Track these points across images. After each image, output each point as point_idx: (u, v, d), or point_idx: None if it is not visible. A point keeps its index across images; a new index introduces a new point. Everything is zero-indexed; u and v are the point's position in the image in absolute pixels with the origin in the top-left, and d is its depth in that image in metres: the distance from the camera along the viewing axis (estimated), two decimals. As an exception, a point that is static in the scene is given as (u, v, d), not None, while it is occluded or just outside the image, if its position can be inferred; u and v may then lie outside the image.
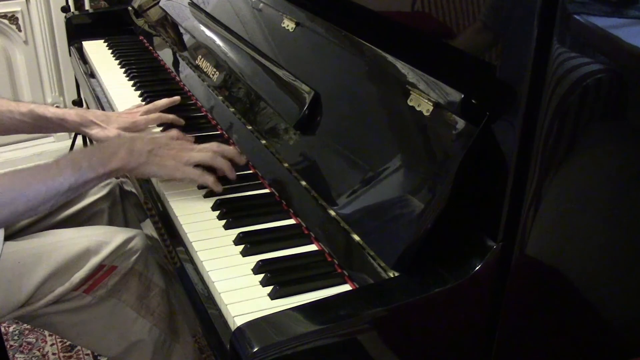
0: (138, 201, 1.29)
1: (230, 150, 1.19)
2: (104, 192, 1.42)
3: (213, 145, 1.17)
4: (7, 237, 1.22)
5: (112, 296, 1.22)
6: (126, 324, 1.24)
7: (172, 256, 1.05)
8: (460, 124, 0.84)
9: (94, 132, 1.37)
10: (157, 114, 1.40)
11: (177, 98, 1.45)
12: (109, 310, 1.22)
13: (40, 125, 1.39)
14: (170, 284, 1.28)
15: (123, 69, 1.73)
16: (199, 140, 1.23)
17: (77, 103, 2.65)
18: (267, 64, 1.25)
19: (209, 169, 1.15)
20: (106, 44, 1.93)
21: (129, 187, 1.47)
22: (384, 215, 0.89)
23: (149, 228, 1.22)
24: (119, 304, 1.22)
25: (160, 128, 1.39)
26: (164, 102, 1.43)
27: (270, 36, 1.30)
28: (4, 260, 1.14)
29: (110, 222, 1.43)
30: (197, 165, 1.14)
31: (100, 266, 1.18)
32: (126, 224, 1.47)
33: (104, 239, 1.21)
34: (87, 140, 2.68)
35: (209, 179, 1.12)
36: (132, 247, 1.22)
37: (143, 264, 1.24)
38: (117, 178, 1.49)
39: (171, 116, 1.39)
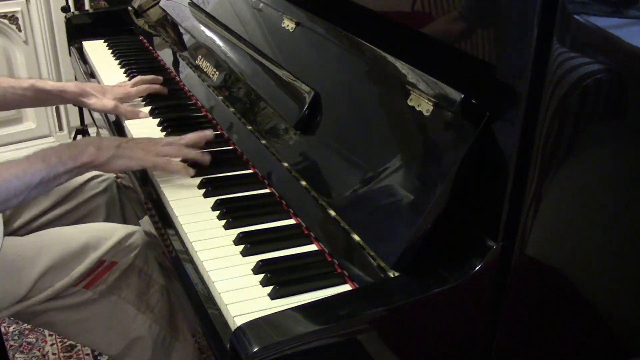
0: (136, 197, 1.30)
1: (192, 135, 1.23)
2: (100, 188, 1.43)
3: (180, 139, 1.21)
4: (6, 235, 1.22)
5: (112, 292, 1.22)
6: (126, 321, 1.24)
7: (171, 255, 1.05)
8: (460, 124, 0.84)
9: (92, 101, 1.44)
10: (146, 86, 1.51)
11: (160, 78, 1.56)
12: (109, 307, 1.23)
13: (41, 99, 1.45)
14: (170, 281, 1.28)
15: (123, 69, 1.73)
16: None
17: (77, 103, 2.64)
18: (267, 64, 1.25)
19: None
20: (106, 44, 1.93)
21: (127, 182, 1.48)
22: (384, 215, 0.89)
23: (147, 224, 1.22)
24: (119, 300, 1.23)
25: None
26: (150, 77, 1.55)
27: (270, 36, 1.30)
28: (4, 253, 1.15)
29: (108, 219, 1.44)
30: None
31: (100, 261, 1.19)
32: (124, 220, 1.48)
33: (104, 234, 1.22)
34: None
35: (178, 166, 1.16)
36: (132, 242, 1.23)
37: (143, 260, 1.25)
38: (116, 177, 1.49)
39: (157, 86, 1.52)
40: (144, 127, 1.40)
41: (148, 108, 1.49)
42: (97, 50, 1.89)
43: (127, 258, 1.23)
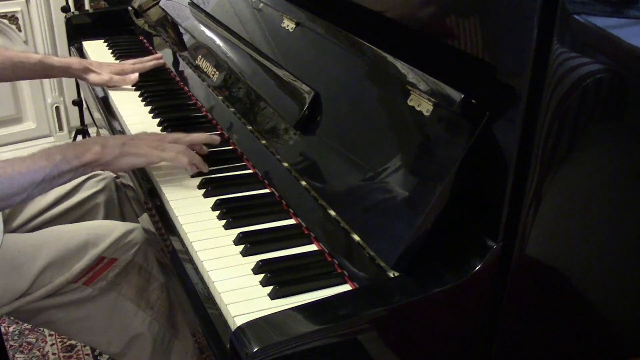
0: (135, 195, 1.30)
1: (199, 136, 1.23)
2: (99, 187, 1.44)
3: (186, 137, 1.20)
4: (6, 232, 1.23)
5: (112, 289, 1.22)
6: (126, 318, 1.25)
7: (171, 255, 1.05)
8: (460, 124, 0.84)
9: (91, 77, 1.59)
10: (142, 64, 1.65)
11: (159, 56, 1.71)
12: (109, 304, 1.23)
13: (48, 74, 1.61)
14: (169, 279, 1.29)
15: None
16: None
17: (77, 103, 2.65)
18: (267, 64, 1.25)
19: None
20: (106, 44, 1.93)
21: (127, 181, 1.48)
22: (384, 215, 0.89)
23: (146, 222, 1.22)
24: (118, 297, 1.23)
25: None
26: (149, 58, 1.69)
27: (270, 36, 1.30)
28: (4, 249, 1.15)
29: (107, 217, 1.44)
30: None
31: (100, 258, 1.20)
32: (123, 218, 1.48)
33: (103, 231, 1.22)
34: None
35: (184, 160, 1.16)
36: (132, 239, 1.24)
37: (143, 256, 1.25)
38: (115, 177, 1.50)
39: (153, 62, 1.67)
40: (144, 127, 1.40)
41: (148, 108, 1.49)
42: (97, 50, 1.89)
43: (127, 255, 1.23)
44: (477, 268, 0.82)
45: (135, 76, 1.61)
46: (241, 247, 0.99)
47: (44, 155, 1.07)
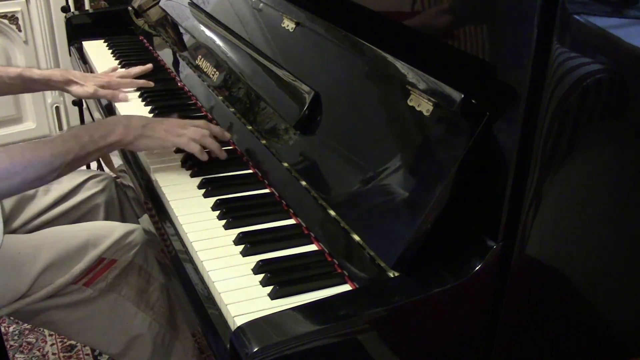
0: (135, 195, 1.30)
1: (217, 128, 1.26)
2: (99, 187, 1.44)
3: (202, 124, 1.23)
4: (6, 233, 1.23)
5: (112, 290, 1.23)
6: (126, 319, 1.25)
7: (171, 255, 1.05)
8: (460, 124, 0.84)
9: (74, 89, 1.53)
10: (130, 79, 1.58)
11: (149, 66, 1.63)
12: (109, 305, 1.23)
13: (28, 87, 1.53)
14: (169, 280, 1.29)
15: (123, 69, 1.73)
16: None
17: (77, 103, 2.65)
18: (267, 64, 1.25)
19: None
20: (106, 44, 1.93)
21: (127, 182, 1.48)
22: (384, 215, 0.89)
23: (146, 223, 1.22)
24: (119, 298, 1.23)
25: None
26: (137, 69, 1.62)
27: (270, 36, 1.30)
28: (4, 250, 1.15)
29: (107, 218, 1.44)
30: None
31: (100, 259, 1.20)
32: (123, 219, 1.48)
33: (104, 232, 1.23)
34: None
35: (195, 148, 1.18)
36: (132, 240, 1.24)
37: (143, 257, 1.25)
38: (115, 177, 1.50)
39: (141, 81, 1.58)
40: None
41: (148, 108, 1.49)
42: (97, 50, 1.89)
43: (127, 256, 1.23)
44: (477, 268, 0.82)
45: (124, 96, 1.53)
46: (241, 247, 0.99)
47: (73, 136, 1.10)
